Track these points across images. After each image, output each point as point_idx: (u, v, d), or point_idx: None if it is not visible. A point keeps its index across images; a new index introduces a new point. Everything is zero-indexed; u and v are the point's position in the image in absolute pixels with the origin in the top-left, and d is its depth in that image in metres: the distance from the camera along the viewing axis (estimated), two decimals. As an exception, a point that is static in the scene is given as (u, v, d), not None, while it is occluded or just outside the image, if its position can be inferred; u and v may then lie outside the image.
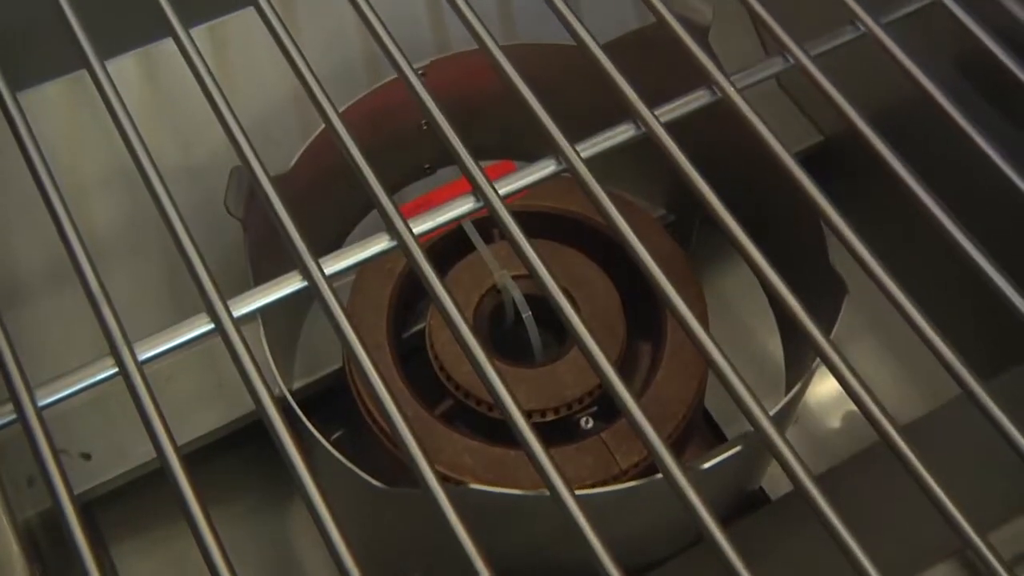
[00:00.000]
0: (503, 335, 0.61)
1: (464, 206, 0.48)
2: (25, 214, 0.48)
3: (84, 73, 0.51)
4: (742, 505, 0.64)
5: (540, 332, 0.60)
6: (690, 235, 0.71)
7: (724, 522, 0.41)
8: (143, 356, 0.43)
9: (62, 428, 0.62)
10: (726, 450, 0.47)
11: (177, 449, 0.42)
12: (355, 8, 0.53)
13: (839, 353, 0.45)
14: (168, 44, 0.52)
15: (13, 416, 0.43)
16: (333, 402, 0.66)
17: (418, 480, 0.40)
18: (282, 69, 0.52)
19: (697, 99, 0.51)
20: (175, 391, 0.63)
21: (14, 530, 0.41)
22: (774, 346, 0.72)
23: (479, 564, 0.39)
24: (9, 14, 0.56)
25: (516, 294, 0.59)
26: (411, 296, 0.63)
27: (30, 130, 0.49)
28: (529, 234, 0.59)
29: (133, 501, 0.64)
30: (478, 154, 0.50)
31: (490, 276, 0.61)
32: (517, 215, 0.47)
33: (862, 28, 0.53)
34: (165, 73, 0.67)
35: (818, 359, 0.45)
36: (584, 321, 0.57)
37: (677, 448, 0.59)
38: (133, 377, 0.43)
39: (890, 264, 0.47)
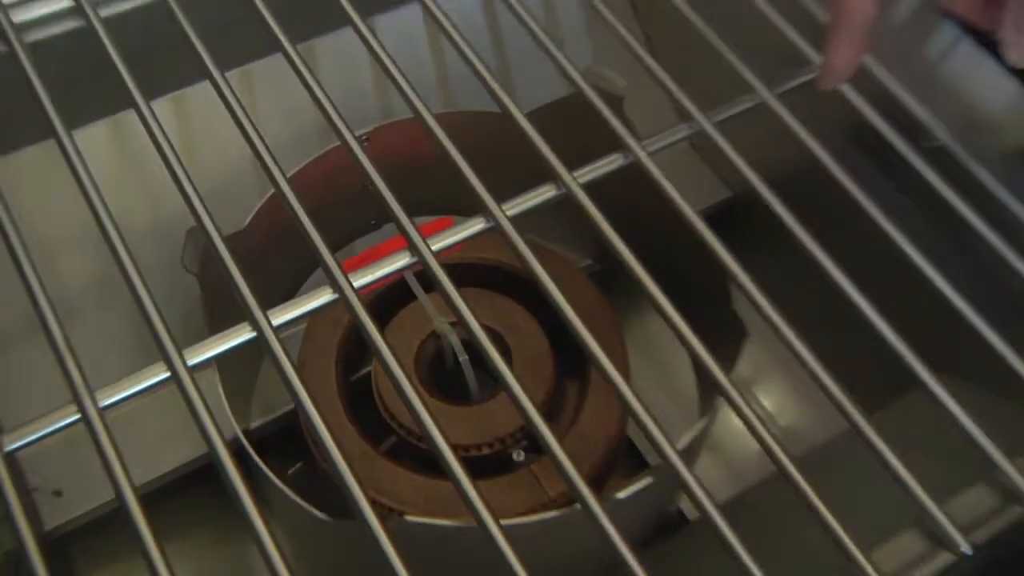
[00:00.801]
0: (444, 375, 0.62)
1: (400, 261, 0.48)
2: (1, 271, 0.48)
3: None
4: (663, 526, 0.64)
5: (478, 372, 0.60)
6: (614, 281, 0.72)
7: (644, 543, 0.41)
8: (104, 403, 0.43)
9: (36, 467, 0.62)
10: (639, 483, 0.47)
11: (135, 490, 0.41)
12: (303, 83, 0.54)
13: (738, 391, 0.45)
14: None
15: (-19, 460, 0.43)
16: (291, 438, 0.66)
17: (355, 512, 0.41)
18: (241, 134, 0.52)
19: (612, 162, 0.52)
20: (143, 431, 0.63)
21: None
22: (692, 377, 0.73)
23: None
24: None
25: (453, 339, 0.59)
26: (358, 342, 0.63)
27: (1, 195, 0.49)
28: (468, 284, 0.60)
29: (105, 534, 0.63)
30: (421, 210, 0.50)
31: (431, 322, 0.61)
32: (456, 266, 0.48)
33: (758, 98, 0.55)
34: (134, 138, 0.67)
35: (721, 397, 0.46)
36: (515, 363, 0.58)
37: (601, 476, 0.59)
38: (94, 423, 0.43)
39: (790, 302, 0.48)
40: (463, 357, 0.59)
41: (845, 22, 0.46)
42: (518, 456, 0.59)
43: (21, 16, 0.57)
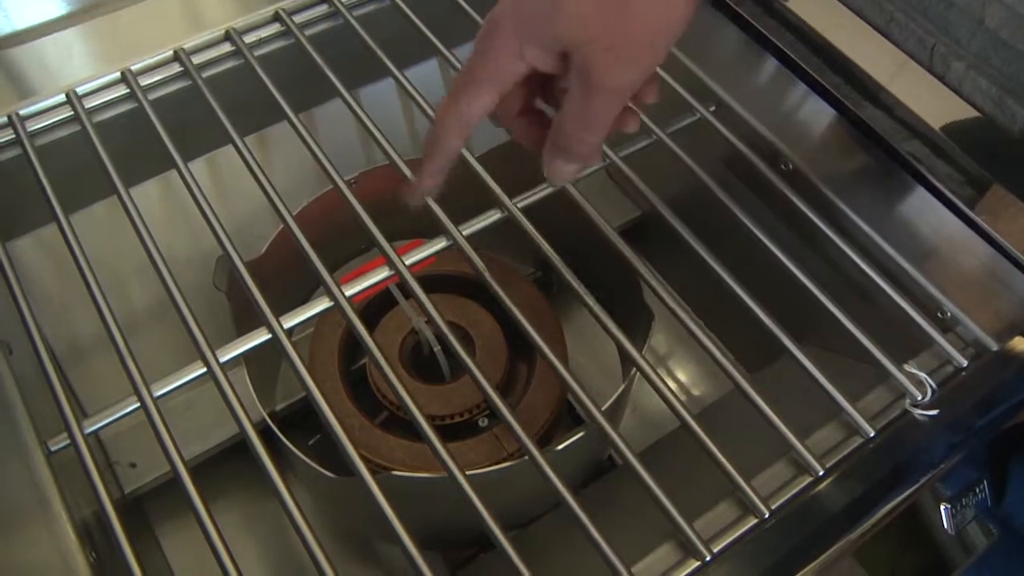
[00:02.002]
0: (422, 362, 0.62)
1: (381, 274, 0.49)
2: (83, 297, 0.48)
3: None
4: (598, 470, 0.64)
5: (449, 359, 0.60)
6: (552, 283, 0.72)
7: (584, 484, 0.42)
8: (157, 393, 0.44)
9: (116, 446, 0.62)
10: (572, 437, 0.47)
11: (184, 460, 0.42)
12: (303, 142, 0.54)
13: (647, 363, 0.46)
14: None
15: (67, 442, 0.43)
16: (311, 415, 0.65)
17: (352, 470, 0.41)
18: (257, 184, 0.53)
19: (542, 190, 0.52)
20: (198, 414, 0.62)
21: (72, 526, 0.41)
22: (616, 355, 0.73)
23: (399, 528, 0.40)
24: (65, 159, 0.56)
25: (428, 334, 0.59)
26: (356, 339, 0.63)
27: (78, 240, 0.50)
28: (440, 291, 0.60)
29: (174, 492, 0.63)
30: (400, 235, 0.51)
31: (411, 321, 0.61)
32: (430, 277, 0.48)
33: (655, 136, 0.55)
34: (177, 191, 0.66)
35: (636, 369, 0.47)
36: (477, 350, 0.58)
37: (547, 436, 0.60)
38: (149, 409, 0.43)
39: (693, 292, 0.49)
40: (436, 347, 0.59)
41: (438, 154, 0.40)
42: (483, 422, 0.59)
43: (89, 103, 0.57)
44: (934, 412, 0.45)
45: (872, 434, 0.44)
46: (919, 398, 0.46)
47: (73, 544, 0.41)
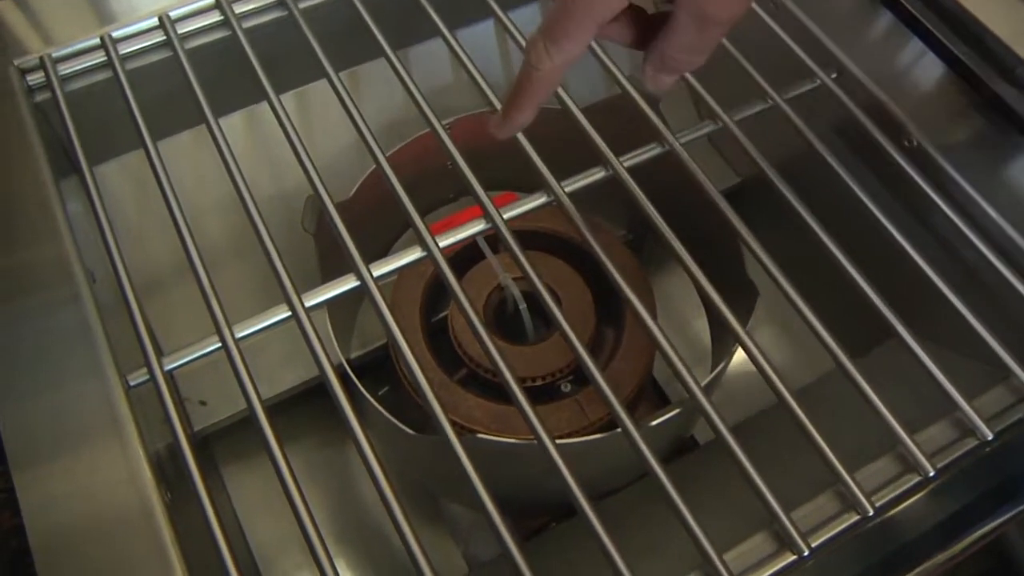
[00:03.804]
0: (506, 321, 0.60)
1: (477, 226, 0.47)
2: (161, 229, 0.48)
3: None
4: (679, 448, 0.63)
5: (532, 319, 0.59)
6: (642, 249, 0.70)
7: (664, 461, 0.41)
8: (239, 335, 0.43)
9: (186, 383, 0.62)
10: (669, 412, 0.46)
11: (262, 401, 0.41)
12: (401, 80, 0.53)
13: (752, 340, 0.44)
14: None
15: (146, 377, 0.43)
16: (382, 366, 0.65)
17: (437, 429, 0.40)
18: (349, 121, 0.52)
19: (651, 150, 0.51)
20: (268, 357, 0.62)
21: (148, 460, 0.41)
22: (703, 330, 0.72)
23: (483, 492, 0.39)
24: (156, 88, 0.56)
25: (515, 291, 0.58)
26: (437, 292, 0.62)
27: (164, 168, 0.49)
28: (527, 247, 0.58)
29: (239, 435, 0.64)
30: (490, 186, 0.50)
31: (497, 277, 0.60)
32: (518, 233, 0.47)
33: (771, 102, 0.53)
34: (264, 125, 0.66)
35: (737, 344, 0.45)
36: (564, 312, 0.56)
37: (631, 407, 0.58)
38: (231, 350, 0.43)
39: (788, 268, 0.47)
40: (523, 306, 0.58)
41: (531, 94, 0.39)
42: (566, 387, 0.57)
43: (181, 28, 0.57)
44: (1061, 420, 0.43)
45: (990, 437, 0.42)
46: (1044, 402, 0.43)
47: (149, 481, 0.40)
